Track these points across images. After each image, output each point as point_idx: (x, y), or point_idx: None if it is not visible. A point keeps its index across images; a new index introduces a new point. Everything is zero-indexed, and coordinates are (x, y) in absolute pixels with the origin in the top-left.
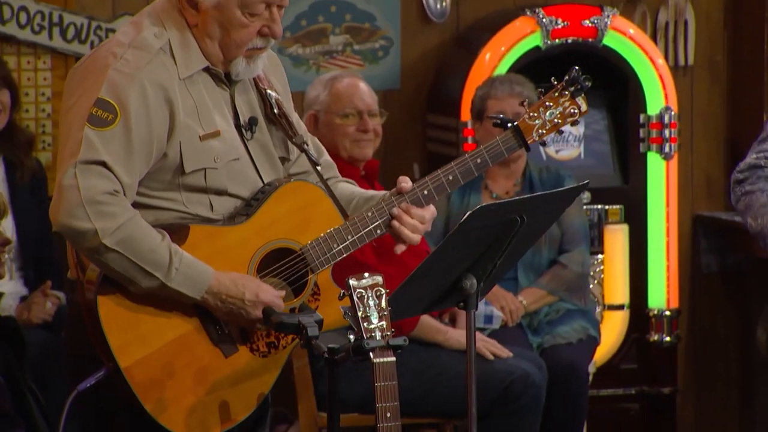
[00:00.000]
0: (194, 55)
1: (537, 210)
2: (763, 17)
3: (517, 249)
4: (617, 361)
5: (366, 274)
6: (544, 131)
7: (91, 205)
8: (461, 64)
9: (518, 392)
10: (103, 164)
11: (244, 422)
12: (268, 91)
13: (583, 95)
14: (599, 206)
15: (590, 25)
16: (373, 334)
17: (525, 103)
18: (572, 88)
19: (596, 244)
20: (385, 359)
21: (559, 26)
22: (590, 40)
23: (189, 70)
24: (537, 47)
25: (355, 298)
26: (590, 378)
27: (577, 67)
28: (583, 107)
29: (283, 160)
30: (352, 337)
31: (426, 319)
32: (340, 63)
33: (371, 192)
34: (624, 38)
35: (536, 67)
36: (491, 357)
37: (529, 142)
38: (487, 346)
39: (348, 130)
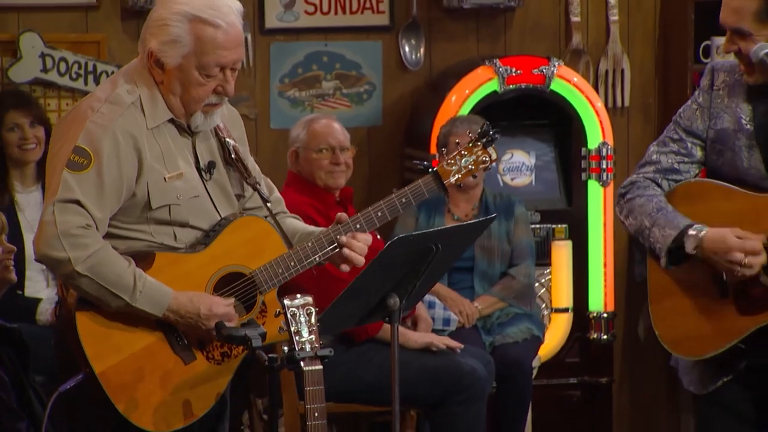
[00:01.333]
0: (160, 108)
1: (450, 240)
2: (686, 66)
3: (434, 272)
4: (562, 356)
5: (299, 296)
6: (460, 176)
7: (66, 237)
8: (432, 105)
9: (466, 385)
10: (78, 202)
11: (204, 418)
12: (227, 139)
13: (493, 146)
14: (547, 225)
15: (539, 73)
16: (303, 346)
17: (444, 151)
18: (484, 140)
19: (544, 258)
20: (314, 367)
21: (513, 74)
22: (539, 86)
23: (156, 121)
24: (495, 92)
25: (289, 316)
26: (534, 371)
27: (488, 122)
28: (494, 156)
29: (239, 197)
30: (286, 348)
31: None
32: (331, 104)
33: (312, 227)
34: (568, 84)
35: (494, 108)
36: (443, 346)
37: (446, 185)
38: (443, 340)
39: (323, 163)
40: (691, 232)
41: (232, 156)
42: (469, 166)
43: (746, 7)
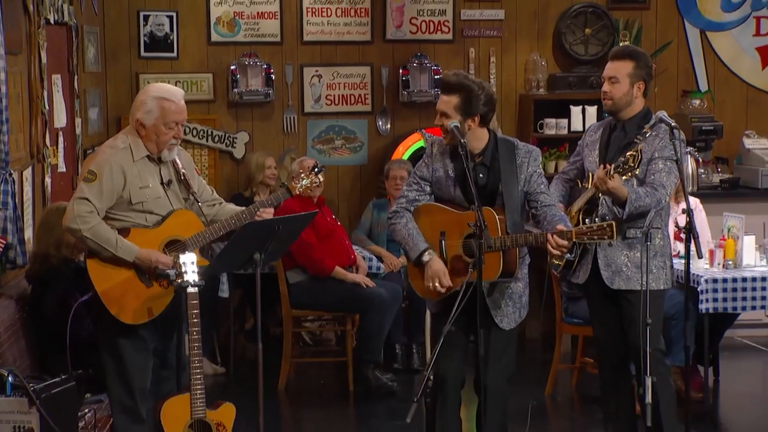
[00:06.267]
0: (141, 149)
1: (287, 224)
2: (530, 133)
3: (282, 241)
4: None
5: (187, 252)
6: (301, 190)
7: (79, 217)
8: (391, 153)
9: (377, 303)
10: (87, 199)
11: (161, 316)
12: (180, 167)
13: (322, 174)
14: None
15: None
16: (187, 279)
17: (294, 176)
18: (315, 170)
19: None
20: (192, 290)
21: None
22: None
23: (137, 156)
24: (422, 146)
25: (180, 263)
26: None
27: (318, 161)
28: (321, 180)
29: (186, 199)
30: (177, 280)
31: (337, 269)
32: (339, 153)
33: (237, 209)
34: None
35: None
36: (365, 285)
37: (293, 194)
38: (365, 281)
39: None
40: (425, 258)
41: (181, 177)
42: (306, 184)
43: (451, 101)
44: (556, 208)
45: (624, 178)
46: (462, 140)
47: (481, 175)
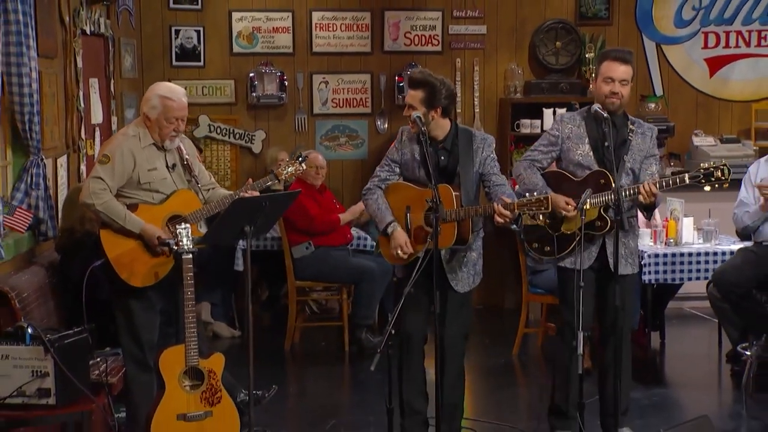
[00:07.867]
0: (147, 137)
1: (273, 201)
2: (507, 132)
3: (269, 217)
4: None
5: (183, 224)
6: (287, 176)
7: (94, 193)
8: (387, 147)
9: (368, 275)
10: (101, 178)
11: (165, 279)
12: (184, 153)
13: (305, 162)
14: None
15: None
16: (183, 247)
17: (281, 163)
18: (299, 159)
19: None
20: (187, 256)
21: None
22: None
23: (144, 144)
24: None
25: (177, 232)
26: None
27: (302, 152)
28: (304, 167)
29: (189, 181)
30: (175, 247)
31: (342, 216)
32: (343, 149)
33: (228, 192)
34: None
35: None
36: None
37: (279, 179)
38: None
39: (312, 173)
40: (389, 230)
41: (184, 162)
42: (291, 171)
43: (417, 95)
44: (506, 187)
45: (707, 188)
46: (423, 129)
47: (442, 158)
